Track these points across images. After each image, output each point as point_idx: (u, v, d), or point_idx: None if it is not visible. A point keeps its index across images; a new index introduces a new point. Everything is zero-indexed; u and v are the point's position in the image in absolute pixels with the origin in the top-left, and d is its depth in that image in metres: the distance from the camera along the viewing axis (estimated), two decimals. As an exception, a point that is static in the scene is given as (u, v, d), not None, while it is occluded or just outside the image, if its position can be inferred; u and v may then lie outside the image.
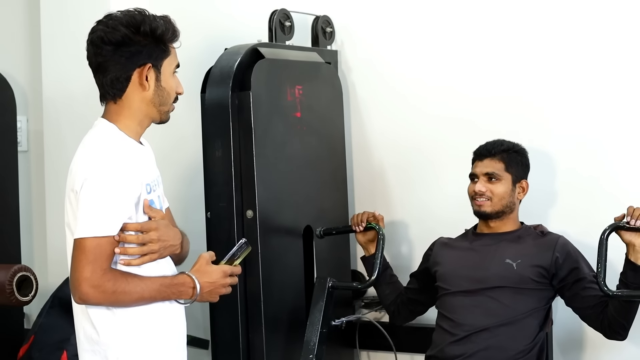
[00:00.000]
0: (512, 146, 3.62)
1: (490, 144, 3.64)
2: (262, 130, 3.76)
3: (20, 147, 4.88)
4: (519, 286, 3.48)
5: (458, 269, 3.62)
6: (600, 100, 3.83)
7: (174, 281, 2.64)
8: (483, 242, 3.64)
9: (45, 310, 4.08)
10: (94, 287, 2.49)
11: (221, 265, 2.76)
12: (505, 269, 3.51)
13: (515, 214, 3.64)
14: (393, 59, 4.26)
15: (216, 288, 2.71)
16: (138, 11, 2.64)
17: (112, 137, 2.63)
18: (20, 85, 4.98)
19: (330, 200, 4.17)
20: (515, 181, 3.59)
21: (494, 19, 4.03)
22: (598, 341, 3.75)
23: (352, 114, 4.35)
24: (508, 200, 3.57)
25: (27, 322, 4.73)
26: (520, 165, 3.61)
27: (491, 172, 3.56)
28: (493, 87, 4.03)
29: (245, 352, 3.75)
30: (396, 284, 3.90)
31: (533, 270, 3.49)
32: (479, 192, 3.57)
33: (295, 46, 4.15)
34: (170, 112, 2.74)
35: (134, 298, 2.56)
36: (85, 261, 2.49)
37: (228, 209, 3.73)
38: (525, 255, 3.52)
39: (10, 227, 4.64)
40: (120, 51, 2.61)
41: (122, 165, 2.56)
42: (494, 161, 3.58)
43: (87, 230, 2.50)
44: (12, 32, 5.11)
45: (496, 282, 3.50)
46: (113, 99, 2.66)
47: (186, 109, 3.84)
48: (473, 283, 3.54)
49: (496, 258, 3.55)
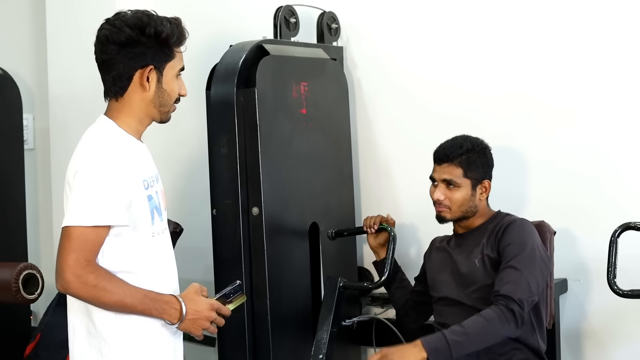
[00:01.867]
0: (472, 147, 3.47)
1: (448, 146, 3.49)
2: (267, 127, 3.75)
3: (27, 145, 4.89)
4: (488, 282, 3.36)
5: (438, 275, 3.58)
6: (607, 100, 3.80)
7: (158, 297, 2.63)
8: (456, 243, 3.57)
9: (51, 308, 4.09)
10: (76, 277, 2.50)
11: (210, 298, 2.75)
12: (473, 271, 3.43)
13: (482, 211, 3.51)
14: (399, 55, 4.24)
15: (200, 319, 2.69)
16: (146, 13, 2.66)
17: (108, 133, 2.65)
18: (26, 83, 4.99)
19: (336, 197, 4.16)
20: (476, 184, 3.46)
21: (500, 17, 4.01)
22: (605, 335, 3.75)
23: (358, 111, 4.34)
24: (468, 206, 3.46)
25: (34, 320, 4.73)
26: (480, 167, 3.47)
27: (449, 179, 3.45)
28: (498, 85, 4.01)
29: (251, 349, 3.75)
30: (407, 287, 3.86)
31: (490, 262, 3.39)
32: (437, 201, 3.49)
33: (301, 43, 4.14)
34: (172, 113, 2.75)
35: (114, 299, 2.55)
36: (70, 249, 2.51)
37: (234, 206, 3.72)
38: (484, 249, 3.43)
39: (16, 225, 4.66)
40: (124, 51, 2.64)
41: (115, 159, 2.58)
42: (452, 167, 3.45)
43: (74, 219, 2.52)
44: (18, 30, 5.12)
45: (470, 286, 3.43)
46: (115, 96, 2.68)
47: (191, 106, 3.85)
48: (452, 289, 3.48)
49: (466, 260, 3.48)
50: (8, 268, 3.82)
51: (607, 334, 3.80)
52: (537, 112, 3.94)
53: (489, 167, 3.51)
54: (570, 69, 3.86)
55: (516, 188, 3.92)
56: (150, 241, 2.68)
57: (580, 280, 3.85)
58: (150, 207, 2.67)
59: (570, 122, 3.87)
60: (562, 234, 3.70)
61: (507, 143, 3.86)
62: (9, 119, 4.66)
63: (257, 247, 3.72)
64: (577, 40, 3.85)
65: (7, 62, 4.82)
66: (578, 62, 3.85)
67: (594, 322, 3.78)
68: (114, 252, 2.59)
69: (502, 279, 3.28)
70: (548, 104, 3.91)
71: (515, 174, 3.92)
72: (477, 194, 3.46)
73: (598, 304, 3.82)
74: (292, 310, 3.90)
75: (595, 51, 3.81)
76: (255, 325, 3.75)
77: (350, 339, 4.16)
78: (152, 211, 2.68)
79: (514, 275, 3.26)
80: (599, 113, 3.81)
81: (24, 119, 4.79)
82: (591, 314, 3.85)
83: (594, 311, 3.84)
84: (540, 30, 3.92)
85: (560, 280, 3.77)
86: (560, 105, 3.89)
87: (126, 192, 2.58)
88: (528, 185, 3.93)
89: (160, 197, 2.75)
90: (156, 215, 2.70)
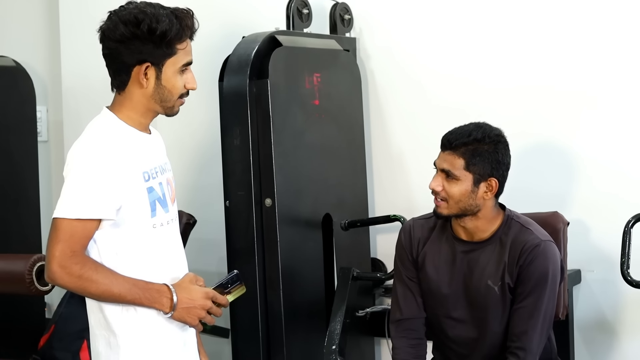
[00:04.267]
0: (481, 138, 3.03)
1: (455, 133, 3.08)
2: (280, 118, 3.75)
3: (40, 137, 4.91)
4: (500, 308, 3.10)
5: (442, 286, 3.17)
6: (621, 91, 3.78)
7: (148, 286, 2.60)
8: (463, 249, 3.15)
9: (65, 299, 4.10)
10: (61, 267, 2.50)
11: (206, 288, 2.71)
12: (487, 293, 3.09)
13: (486, 213, 3.10)
14: (412, 46, 4.24)
15: (195, 308, 2.64)
16: (143, 9, 2.58)
17: (106, 125, 2.62)
18: (39, 76, 5.00)
19: (349, 188, 4.16)
20: (479, 180, 3.03)
21: (515, 8, 4.00)
22: (619, 327, 3.74)
23: (371, 102, 4.33)
24: (466, 203, 3.04)
25: (48, 311, 4.75)
26: (487, 161, 3.03)
27: (447, 170, 3.04)
28: (512, 77, 3.99)
29: (265, 340, 3.75)
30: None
31: (509, 290, 3.08)
32: (433, 191, 3.09)
33: (313, 34, 4.14)
34: (179, 106, 2.69)
35: (100, 289, 2.54)
36: (56, 240, 2.50)
37: (247, 197, 3.73)
38: (504, 274, 3.07)
39: (30, 217, 4.68)
40: (121, 47, 2.58)
41: (108, 151, 2.55)
42: (454, 156, 3.03)
43: (62, 211, 2.51)
44: (31, 23, 5.13)
45: (482, 310, 3.12)
46: (117, 89, 2.66)
47: (204, 98, 3.85)
48: (461, 309, 3.16)
49: (478, 279, 3.11)
50: (22, 260, 3.83)
51: (620, 325, 3.80)
52: (551, 104, 3.92)
53: (499, 164, 3.06)
54: (586, 60, 3.84)
55: (530, 179, 3.90)
56: (151, 233, 2.64)
57: (594, 271, 3.84)
58: (151, 199, 2.63)
59: (585, 114, 3.85)
60: (575, 225, 3.69)
61: (521, 135, 3.84)
62: (23, 111, 4.68)
63: (270, 239, 3.72)
64: (593, 32, 3.83)
65: (21, 55, 4.84)
66: (593, 53, 3.83)
67: (607, 313, 3.77)
68: (112, 242, 2.58)
69: (519, 324, 3.06)
70: (563, 96, 3.90)
71: (529, 166, 3.91)
72: (479, 192, 3.04)
73: (611, 295, 3.81)
74: (305, 301, 3.90)
75: (612, 43, 3.80)
76: (269, 317, 3.75)
77: (363, 329, 4.15)
78: (152, 203, 2.63)
79: (533, 321, 3.05)
80: (613, 104, 3.80)
81: (38, 111, 4.81)
82: (605, 305, 3.84)
83: (608, 302, 3.83)
84: (555, 21, 3.91)
85: (573, 271, 3.75)
86: (575, 97, 3.87)
87: (118, 185, 2.55)
88: (542, 176, 3.92)
89: (167, 187, 2.71)
90: (158, 206, 2.65)
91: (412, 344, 3.24)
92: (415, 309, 3.24)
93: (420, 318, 3.25)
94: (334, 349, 3.66)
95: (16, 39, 5.15)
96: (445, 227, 3.22)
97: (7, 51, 4.84)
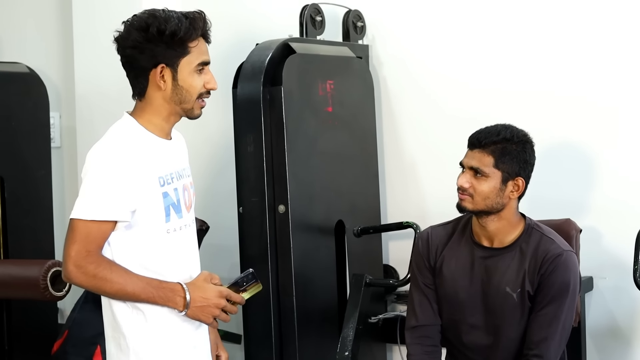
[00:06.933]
0: (510, 137, 3.09)
1: (484, 131, 3.12)
2: (293, 125, 3.76)
3: (54, 144, 4.93)
4: (518, 316, 3.11)
5: (459, 291, 3.18)
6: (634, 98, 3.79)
7: (162, 285, 2.63)
8: (482, 255, 3.16)
9: (78, 305, 4.11)
10: (77, 267, 2.56)
11: (220, 286, 2.72)
12: (504, 299, 3.10)
13: (509, 214, 3.13)
14: (424, 53, 4.25)
15: (209, 306, 2.66)
16: (152, 14, 2.63)
17: (124, 130, 2.66)
18: (53, 82, 5.02)
19: (362, 195, 4.17)
20: (507, 179, 3.07)
21: (527, 19, 4.00)
22: (631, 333, 3.74)
23: (384, 109, 4.34)
24: (494, 201, 3.08)
25: (61, 317, 4.77)
26: (515, 161, 3.07)
27: (476, 167, 3.08)
28: (523, 84, 4.00)
29: (277, 346, 3.76)
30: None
31: (529, 298, 3.09)
32: (460, 187, 3.11)
33: (327, 41, 4.15)
34: (200, 109, 2.72)
35: (115, 288, 2.58)
36: (72, 240, 2.56)
37: (260, 204, 3.74)
38: (525, 282, 3.08)
39: (44, 222, 4.69)
40: (135, 53, 2.63)
41: (124, 155, 2.58)
42: (483, 154, 3.07)
43: (78, 212, 2.56)
44: (44, 30, 5.16)
45: (498, 316, 3.13)
46: (138, 96, 2.69)
47: (218, 105, 3.86)
48: (478, 316, 3.16)
49: (496, 285, 3.11)
50: (36, 265, 3.85)
51: (632, 332, 3.80)
52: (563, 112, 3.93)
53: (527, 164, 3.11)
54: (601, 68, 3.85)
55: (543, 186, 3.90)
56: (165, 238, 2.67)
57: (606, 278, 3.84)
58: (166, 204, 2.66)
59: (597, 121, 3.86)
60: (588, 232, 3.69)
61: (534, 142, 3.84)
62: (36, 117, 4.70)
63: (283, 245, 3.73)
64: (612, 40, 3.84)
65: (35, 61, 4.86)
66: (610, 61, 3.83)
67: (619, 320, 3.77)
68: (125, 245, 2.62)
69: (538, 332, 3.05)
70: (574, 103, 3.90)
71: (542, 173, 3.90)
72: (506, 190, 3.08)
73: (624, 302, 3.82)
74: (318, 307, 3.91)
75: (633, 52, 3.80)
76: (282, 323, 3.76)
77: (375, 336, 4.16)
78: (167, 208, 2.66)
79: (552, 329, 3.05)
80: (628, 112, 3.81)
81: (51, 117, 4.82)
82: (617, 312, 3.85)
83: (620, 309, 3.84)
84: (571, 27, 3.91)
85: (586, 278, 3.75)
86: (587, 104, 3.88)
87: (134, 188, 2.58)
88: (555, 183, 3.92)
89: (182, 193, 2.73)
90: (172, 212, 2.68)
91: (427, 351, 3.24)
92: (431, 316, 3.25)
93: (435, 325, 3.26)
94: (346, 355, 3.66)
95: (30, 46, 5.18)
96: (465, 232, 3.24)
97: (21, 58, 4.86)
